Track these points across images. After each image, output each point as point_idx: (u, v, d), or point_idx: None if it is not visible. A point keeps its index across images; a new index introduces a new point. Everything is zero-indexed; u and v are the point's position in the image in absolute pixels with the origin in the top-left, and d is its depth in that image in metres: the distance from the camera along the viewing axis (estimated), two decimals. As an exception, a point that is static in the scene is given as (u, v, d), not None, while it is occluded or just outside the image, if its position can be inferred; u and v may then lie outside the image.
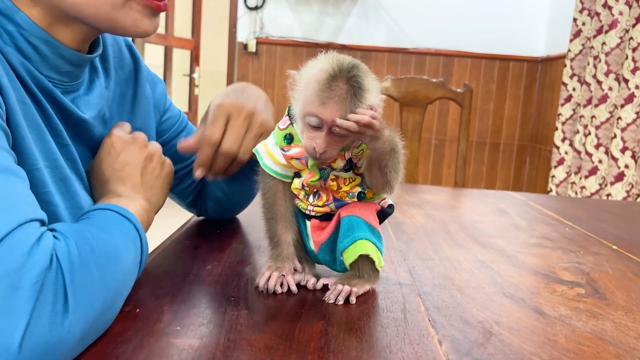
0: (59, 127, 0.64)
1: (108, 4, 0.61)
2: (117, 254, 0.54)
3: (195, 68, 4.48)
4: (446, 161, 4.11)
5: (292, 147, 0.65)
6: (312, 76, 0.58)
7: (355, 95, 0.56)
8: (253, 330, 0.55)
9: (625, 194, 2.65)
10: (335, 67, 0.57)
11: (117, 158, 0.69)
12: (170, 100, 0.90)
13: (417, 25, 3.95)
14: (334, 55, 0.59)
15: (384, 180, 0.63)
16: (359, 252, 0.64)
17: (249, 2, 3.99)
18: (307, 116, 0.58)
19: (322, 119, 0.57)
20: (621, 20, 2.72)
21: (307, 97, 0.58)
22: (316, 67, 0.59)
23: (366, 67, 0.60)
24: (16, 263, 0.43)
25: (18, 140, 0.56)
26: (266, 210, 0.68)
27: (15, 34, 0.59)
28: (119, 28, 0.63)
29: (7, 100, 0.55)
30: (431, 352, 0.52)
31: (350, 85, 0.56)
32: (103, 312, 0.49)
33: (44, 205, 0.51)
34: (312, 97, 0.58)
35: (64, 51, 0.63)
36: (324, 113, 0.57)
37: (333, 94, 0.56)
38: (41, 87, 0.62)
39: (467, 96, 1.96)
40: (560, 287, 0.75)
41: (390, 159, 0.61)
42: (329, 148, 0.59)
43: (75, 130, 0.67)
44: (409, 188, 1.55)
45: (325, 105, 0.57)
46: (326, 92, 0.57)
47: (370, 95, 0.58)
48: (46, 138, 0.61)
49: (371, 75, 0.60)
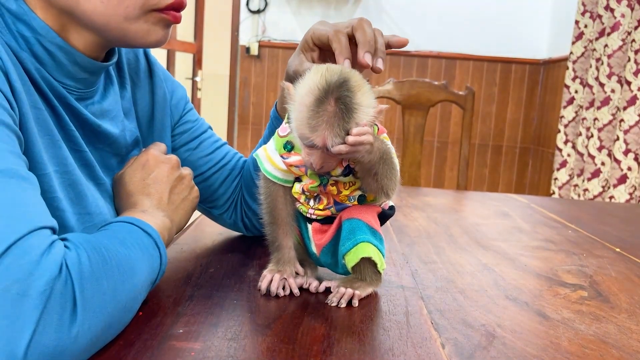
0: (73, 133, 0.64)
1: (121, 16, 0.61)
2: (131, 268, 0.53)
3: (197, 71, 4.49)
4: (448, 164, 4.11)
5: (292, 154, 0.65)
6: (303, 96, 0.58)
7: (343, 117, 0.56)
8: (256, 333, 0.55)
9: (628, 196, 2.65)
10: (323, 87, 0.56)
11: (149, 174, 0.70)
12: (192, 107, 0.88)
13: (419, 28, 3.95)
14: (324, 70, 0.58)
15: (377, 187, 0.63)
16: (360, 255, 0.64)
17: (251, 5, 4.00)
18: (301, 137, 0.59)
19: (313, 142, 0.58)
20: (623, 22, 2.72)
21: (299, 120, 0.58)
22: (307, 84, 0.58)
23: (359, 78, 0.59)
24: (25, 270, 0.42)
25: (28, 145, 0.56)
26: (267, 215, 0.68)
27: (31, 40, 0.59)
28: (129, 39, 0.63)
29: (20, 105, 0.55)
30: (434, 355, 0.52)
31: (339, 106, 0.56)
32: (111, 325, 0.49)
33: (50, 211, 0.51)
34: (302, 122, 0.57)
35: (78, 58, 0.63)
36: (316, 138, 0.57)
37: (321, 119, 0.56)
38: (55, 93, 0.62)
39: (469, 99, 1.96)
40: (563, 290, 0.75)
41: (380, 167, 0.61)
42: (326, 163, 0.60)
43: (91, 137, 0.67)
44: (411, 191, 1.55)
45: (315, 130, 0.57)
46: (314, 118, 0.56)
47: (362, 111, 0.57)
48: (57, 143, 0.61)
49: (364, 86, 0.59)
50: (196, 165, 0.85)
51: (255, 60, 4.04)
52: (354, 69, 0.62)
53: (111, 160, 0.72)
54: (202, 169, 0.85)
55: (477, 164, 4.11)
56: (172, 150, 0.83)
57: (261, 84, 4.05)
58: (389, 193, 0.63)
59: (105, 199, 0.69)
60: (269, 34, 4.00)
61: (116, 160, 0.73)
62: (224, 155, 0.88)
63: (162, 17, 0.63)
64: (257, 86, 4.07)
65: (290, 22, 4.00)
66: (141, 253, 0.56)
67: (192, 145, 0.85)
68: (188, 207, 0.74)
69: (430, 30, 3.95)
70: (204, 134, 0.88)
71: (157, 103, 0.81)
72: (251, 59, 4.04)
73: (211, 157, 0.86)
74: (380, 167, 0.61)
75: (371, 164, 0.60)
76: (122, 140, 0.72)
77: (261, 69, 4.05)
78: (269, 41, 3.99)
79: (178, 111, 0.85)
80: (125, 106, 0.75)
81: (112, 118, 0.71)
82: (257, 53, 4.01)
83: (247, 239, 0.91)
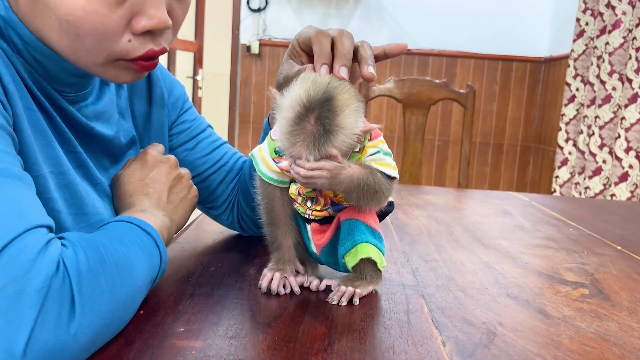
0: (67, 135, 0.64)
1: (88, 60, 0.59)
2: (129, 265, 0.53)
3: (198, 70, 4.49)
4: (449, 162, 4.11)
5: (282, 159, 0.64)
6: (286, 109, 0.57)
7: (320, 138, 0.55)
8: (256, 331, 0.55)
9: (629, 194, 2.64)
10: (304, 105, 0.56)
11: (148, 174, 0.70)
12: (190, 105, 0.87)
13: (420, 27, 3.95)
14: (310, 84, 0.57)
15: (359, 206, 0.63)
16: (360, 256, 0.64)
17: (252, 4, 4.00)
18: (282, 149, 0.59)
19: (295, 156, 0.58)
20: (624, 20, 2.71)
21: (281, 132, 0.58)
22: (291, 96, 0.57)
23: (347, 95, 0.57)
24: (22, 269, 0.42)
25: (22, 146, 0.56)
26: (265, 216, 0.68)
27: (20, 46, 0.59)
28: (101, 76, 0.62)
29: (13, 106, 0.55)
30: (435, 354, 0.52)
31: (317, 127, 0.55)
32: (111, 323, 0.49)
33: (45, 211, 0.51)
34: (283, 135, 0.57)
35: (66, 64, 0.62)
36: (294, 152, 0.57)
37: (299, 137, 0.56)
38: (48, 96, 0.62)
39: (470, 97, 1.96)
40: (564, 288, 0.75)
41: (356, 194, 0.60)
42: None
43: (85, 139, 0.67)
44: (412, 189, 1.55)
45: (294, 145, 0.57)
46: (294, 135, 0.56)
47: (342, 134, 0.56)
48: (52, 144, 0.61)
49: (351, 105, 0.57)
50: (194, 166, 0.84)
51: (256, 59, 4.04)
52: (345, 82, 0.60)
53: (105, 161, 0.72)
54: (199, 170, 0.85)
55: (478, 162, 4.11)
56: (169, 150, 0.83)
57: (262, 83, 4.04)
58: (374, 207, 0.64)
59: (103, 199, 0.69)
60: (269, 33, 4.00)
61: (110, 161, 0.73)
62: (222, 156, 0.87)
63: (130, 66, 0.60)
64: (258, 85, 4.07)
65: (291, 21, 4.00)
66: (140, 251, 0.56)
67: (190, 145, 0.85)
68: (187, 207, 0.74)
69: (431, 29, 3.95)
70: (202, 133, 0.87)
71: (154, 102, 0.80)
72: (252, 58, 4.04)
73: (209, 158, 0.86)
74: (356, 194, 0.60)
75: (345, 191, 0.60)
76: (116, 142, 0.72)
77: (262, 67, 4.05)
78: (270, 40, 3.99)
79: (176, 110, 0.84)
80: (122, 105, 0.75)
81: (106, 120, 0.71)
82: (258, 52, 4.00)
83: (248, 237, 0.91)
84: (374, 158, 0.63)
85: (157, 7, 0.57)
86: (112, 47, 0.57)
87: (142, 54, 0.59)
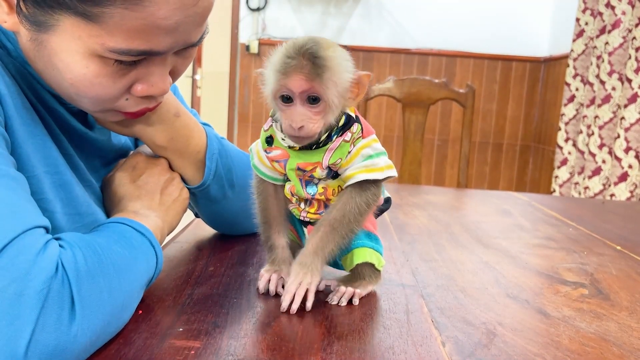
0: (59, 137, 0.64)
1: (82, 107, 0.61)
2: (127, 266, 0.53)
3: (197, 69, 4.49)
4: (449, 162, 4.10)
5: (273, 149, 0.65)
6: (272, 60, 0.59)
7: (314, 64, 0.57)
8: (256, 331, 0.55)
9: (629, 194, 2.64)
10: (293, 44, 0.58)
11: (139, 176, 0.70)
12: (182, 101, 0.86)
13: (420, 26, 3.94)
14: (293, 39, 0.60)
15: None
16: (356, 261, 0.64)
17: (251, 3, 4.00)
18: (276, 93, 0.59)
19: (288, 89, 0.58)
20: (624, 19, 2.71)
21: (271, 77, 0.59)
22: (275, 53, 0.60)
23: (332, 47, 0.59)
24: (21, 270, 0.42)
25: (14, 146, 0.56)
26: (259, 214, 0.68)
27: (13, 53, 0.59)
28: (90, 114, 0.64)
29: (5, 107, 0.54)
30: (434, 354, 0.52)
31: (307, 57, 0.57)
32: (110, 322, 0.49)
33: None
34: (275, 75, 0.58)
35: None
36: (289, 83, 0.58)
37: (290, 66, 0.57)
38: (42, 100, 0.62)
39: (469, 97, 1.96)
40: (564, 287, 0.75)
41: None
42: (306, 122, 0.58)
43: (78, 141, 0.67)
44: (411, 189, 1.55)
45: (287, 75, 0.57)
46: (285, 65, 0.57)
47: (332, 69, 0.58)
48: (46, 144, 0.61)
49: (337, 47, 0.60)
50: None
51: (255, 58, 4.03)
52: None
53: (96, 161, 0.72)
54: None
55: (477, 161, 4.11)
56: None
57: (261, 82, 4.04)
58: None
59: (94, 201, 0.69)
60: (269, 32, 3.99)
61: (100, 162, 0.73)
62: None
63: (120, 115, 0.62)
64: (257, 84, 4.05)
65: (291, 20, 3.99)
66: (136, 252, 0.56)
67: None
68: (179, 208, 0.74)
69: (430, 28, 3.94)
70: None
71: None
72: (251, 57, 4.04)
73: None
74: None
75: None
76: (107, 143, 0.73)
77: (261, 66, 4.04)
78: (269, 39, 3.99)
79: None
80: None
81: None
82: (257, 51, 4.00)
83: (247, 237, 0.91)
84: (365, 165, 0.62)
85: (160, 77, 0.58)
86: (110, 105, 0.59)
87: (136, 110, 0.61)
